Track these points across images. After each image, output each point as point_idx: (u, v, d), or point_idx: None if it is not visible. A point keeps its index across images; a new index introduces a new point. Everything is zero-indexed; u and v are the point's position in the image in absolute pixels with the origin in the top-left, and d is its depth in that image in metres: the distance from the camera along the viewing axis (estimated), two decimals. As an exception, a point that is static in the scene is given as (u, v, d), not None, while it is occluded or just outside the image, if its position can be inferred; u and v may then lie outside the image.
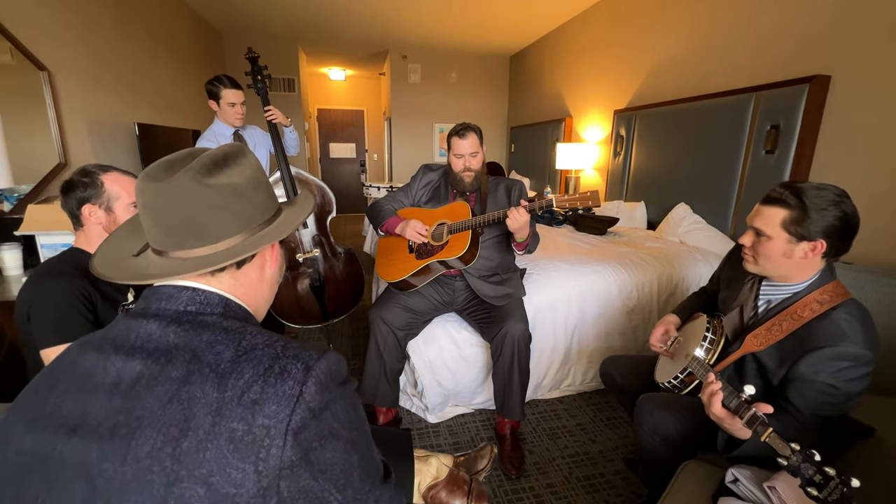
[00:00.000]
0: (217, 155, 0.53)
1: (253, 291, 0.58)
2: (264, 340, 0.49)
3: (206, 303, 0.52)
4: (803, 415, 0.92)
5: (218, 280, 0.54)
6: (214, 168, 0.51)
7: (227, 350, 0.47)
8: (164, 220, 0.51)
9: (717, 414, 0.88)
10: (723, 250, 2.26)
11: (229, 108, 2.07)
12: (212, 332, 0.49)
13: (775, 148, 2.08)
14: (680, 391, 1.15)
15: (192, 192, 0.50)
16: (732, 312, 1.12)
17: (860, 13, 1.78)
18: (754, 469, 0.89)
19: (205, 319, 0.50)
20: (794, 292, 1.01)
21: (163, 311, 0.50)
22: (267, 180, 0.59)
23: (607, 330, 2.04)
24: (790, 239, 0.96)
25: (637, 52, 3.21)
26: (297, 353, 0.48)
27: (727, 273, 1.24)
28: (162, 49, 3.39)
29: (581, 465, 1.60)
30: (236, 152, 0.55)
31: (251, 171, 0.55)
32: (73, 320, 0.98)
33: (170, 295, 0.51)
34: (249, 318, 0.56)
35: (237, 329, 0.50)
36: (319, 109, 7.26)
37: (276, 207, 0.60)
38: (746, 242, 1.05)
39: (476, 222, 1.59)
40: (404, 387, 1.89)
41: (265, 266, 0.60)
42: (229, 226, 0.53)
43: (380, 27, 4.62)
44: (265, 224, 0.56)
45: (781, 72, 2.11)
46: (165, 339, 0.48)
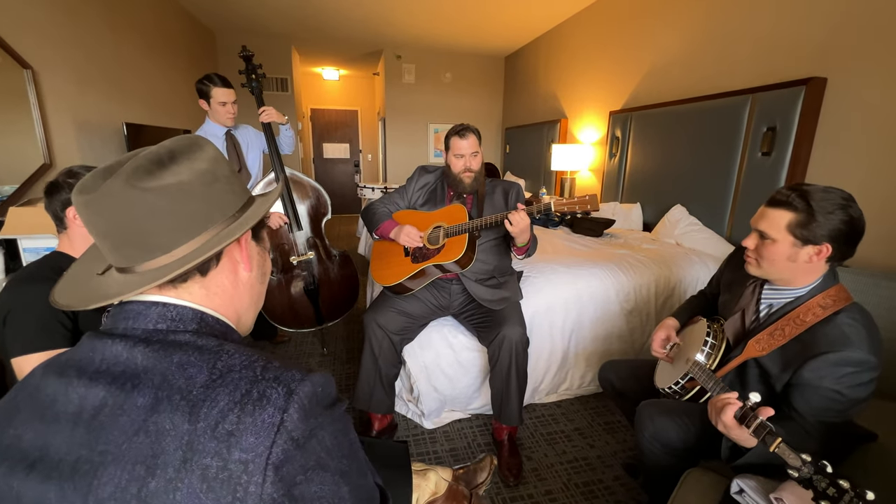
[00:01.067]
0: (159, 153, 0.46)
1: (230, 300, 0.53)
2: (242, 361, 0.44)
3: (177, 319, 0.47)
4: (808, 421, 0.91)
5: (187, 292, 0.49)
6: (155, 168, 0.45)
7: (199, 373, 0.43)
8: (106, 234, 0.46)
9: (727, 423, 0.85)
10: (719, 252, 2.26)
11: (220, 108, 2.03)
12: (184, 352, 0.44)
13: (772, 150, 2.07)
14: (681, 397, 1.13)
15: (127, 199, 0.44)
16: (734, 317, 1.11)
17: (855, 17, 1.78)
18: (760, 479, 0.87)
19: (176, 338, 0.46)
20: (797, 296, 0.99)
21: (130, 331, 0.46)
22: (229, 172, 0.52)
23: (605, 333, 2.02)
24: (795, 242, 0.94)
25: (632, 54, 3.21)
26: (279, 375, 0.43)
27: (728, 276, 1.23)
28: (152, 47, 3.32)
29: (580, 472, 1.58)
30: (186, 146, 0.48)
31: (206, 164, 0.48)
32: (51, 329, 0.94)
33: (138, 312, 0.46)
34: (229, 333, 0.51)
35: (212, 348, 0.45)
36: (313, 109, 7.20)
37: (241, 202, 0.53)
38: (750, 245, 1.03)
39: (473, 226, 1.56)
40: (400, 392, 1.86)
41: (237, 268, 0.53)
42: (181, 231, 0.46)
43: (374, 27, 4.59)
44: (230, 221, 0.50)
45: (777, 74, 2.10)
46: (132, 361, 0.43)
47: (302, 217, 2.21)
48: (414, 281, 1.68)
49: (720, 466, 1.08)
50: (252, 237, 0.56)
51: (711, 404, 0.90)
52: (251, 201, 0.55)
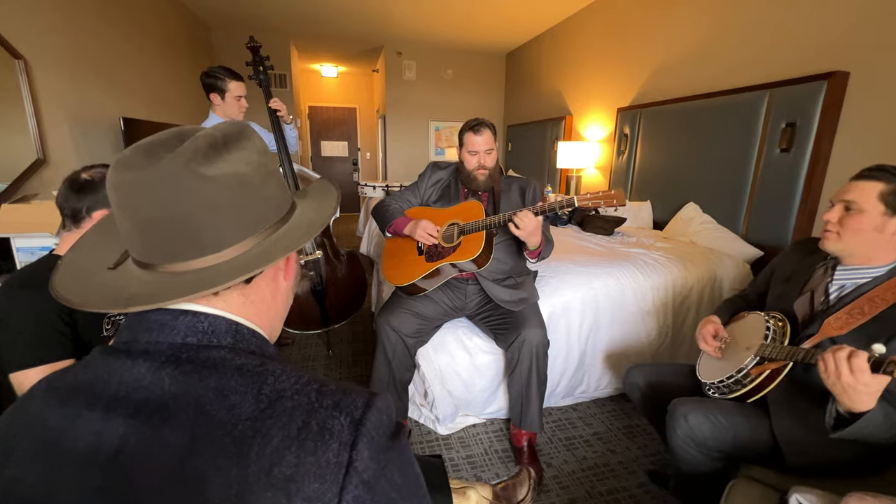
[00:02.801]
0: (215, 136, 0.40)
1: (266, 310, 0.46)
2: (292, 384, 0.37)
3: (210, 332, 0.39)
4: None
5: (223, 300, 0.41)
6: (213, 153, 0.39)
7: (244, 401, 0.35)
8: (148, 224, 0.39)
9: (859, 368, 0.77)
10: (736, 251, 2.21)
11: (235, 102, 1.96)
12: (221, 374, 0.36)
13: (791, 146, 2.02)
14: (743, 387, 1.06)
15: (185, 185, 0.37)
16: (803, 297, 1.08)
17: (878, 7, 1.74)
18: (820, 493, 0.82)
19: (211, 356, 0.38)
20: (875, 276, 0.98)
21: (154, 347, 0.38)
22: (277, 168, 0.47)
23: (622, 334, 1.97)
24: (886, 212, 0.96)
25: (640, 49, 3.15)
26: (338, 402, 0.36)
27: (785, 269, 1.20)
28: (148, 41, 3.22)
29: (603, 479, 1.52)
30: (238, 132, 0.42)
31: (258, 156, 0.42)
32: (50, 340, 0.86)
33: (163, 323, 0.39)
34: (265, 347, 0.44)
35: (255, 368, 0.38)
36: (311, 107, 7.10)
37: (290, 201, 0.48)
38: (833, 217, 1.03)
39: (490, 223, 1.50)
40: (412, 396, 1.79)
41: (278, 277, 0.48)
42: (235, 229, 0.40)
43: (374, 23, 4.50)
44: (279, 224, 0.44)
45: (796, 68, 2.05)
46: (159, 386, 0.36)
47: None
48: (428, 281, 1.62)
49: (763, 474, 1.02)
50: None
51: (828, 357, 0.82)
52: (294, 204, 0.49)
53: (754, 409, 1.08)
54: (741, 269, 2.14)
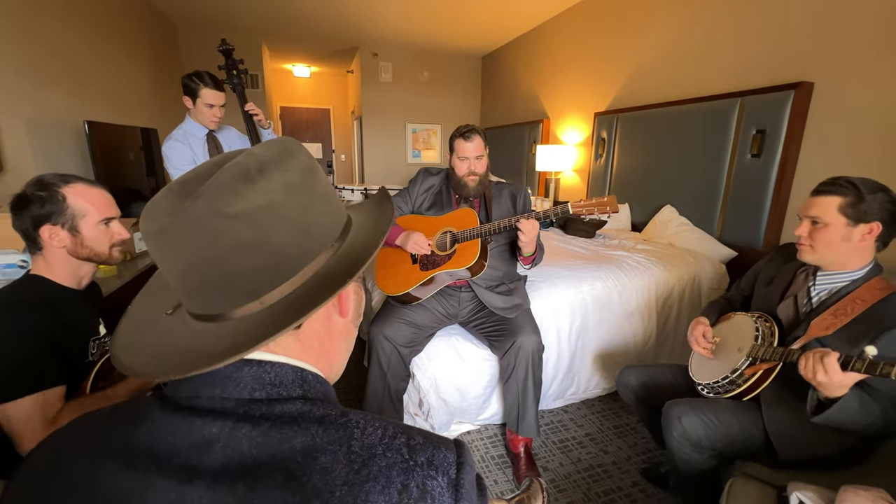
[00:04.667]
0: (247, 164, 0.35)
1: (326, 352, 0.42)
2: (379, 437, 0.34)
3: (279, 383, 0.36)
4: (882, 395, 0.93)
5: (280, 346, 0.38)
6: (242, 185, 0.34)
7: (335, 462, 0.32)
8: (183, 275, 0.36)
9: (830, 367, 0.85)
10: (712, 252, 2.30)
11: (206, 110, 1.86)
12: (305, 431, 0.33)
13: (761, 152, 2.13)
14: (737, 387, 1.10)
15: (210, 230, 0.33)
16: (786, 302, 1.13)
17: (841, 22, 1.85)
18: (816, 489, 0.86)
19: (287, 410, 0.34)
20: (853, 279, 1.04)
21: (221, 403, 0.34)
22: (325, 186, 0.41)
23: (609, 336, 2.01)
24: (848, 223, 1.01)
25: (616, 55, 3.24)
26: (431, 458, 0.34)
27: (768, 272, 1.25)
28: (110, 40, 3.04)
29: (598, 480, 1.55)
30: (278, 153, 0.37)
31: (301, 176, 0.37)
32: (37, 367, 0.80)
33: (226, 375, 0.35)
34: (329, 392, 0.41)
35: (337, 419, 0.35)
36: (283, 107, 6.92)
37: (341, 224, 0.42)
38: (803, 232, 1.09)
39: (485, 230, 1.50)
40: (406, 406, 1.77)
41: (331, 314, 0.42)
42: (272, 270, 0.36)
43: (349, 23, 4.43)
44: (330, 252, 0.39)
45: (765, 78, 2.16)
46: (237, 450, 0.32)
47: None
48: (423, 289, 1.60)
49: (759, 470, 1.07)
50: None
51: (808, 357, 0.90)
52: (350, 222, 0.44)
53: (744, 407, 1.13)
54: (718, 270, 2.24)
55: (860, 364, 0.83)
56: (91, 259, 0.95)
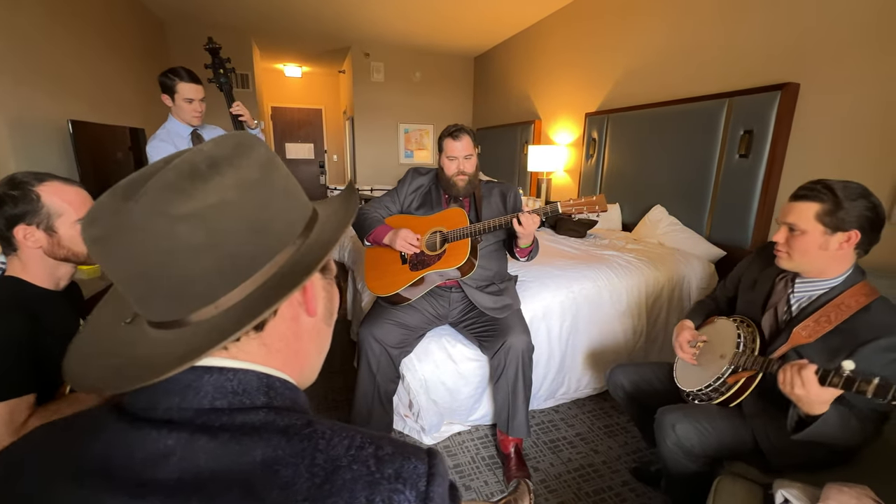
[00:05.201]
0: (194, 161, 0.33)
1: (294, 355, 0.39)
2: (345, 448, 0.33)
3: (242, 391, 0.34)
4: (861, 410, 0.92)
5: (243, 352, 0.36)
6: (190, 184, 0.32)
7: (297, 476, 0.30)
8: (129, 281, 0.34)
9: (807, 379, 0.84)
10: (701, 252, 2.32)
11: (185, 105, 1.83)
12: (266, 442, 0.31)
13: (749, 152, 2.15)
14: (721, 395, 1.10)
15: (153, 233, 0.31)
16: (767, 314, 1.12)
17: (826, 24, 1.88)
18: (801, 486, 0.86)
19: (249, 420, 0.33)
20: (832, 286, 1.02)
21: (179, 414, 0.32)
22: (285, 180, 0.39)
23: (600, 335, 2.02)
24: (825, 231, 0.98)
25: (607, 57, 3.26)
26: (399, 470, 0.32)
27: (750, 276, 1.24)
28: (94, 38, 2.99)
29: (588, 480, 1.55)
30: (232, 148, 0.35)
31: (256, 172, 0.35)
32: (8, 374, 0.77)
33: (186, 384, 0.33)
34: (298, 399, 0.39)
35: (301, 430, 0.33)
36: (274, 107, 6.87)
37: (305, 218, 0.40)
38: (780, 239, 1.06)
39: (475, 230, 1.49)
40: (396, 407, 1.76)
41: (298, 314, 0.40)
42: (228, 272, 0.34)
43: (341, 23, 4.41)
44: (292, 249, 0.37)
45: (752, 78, 2.19)
46: (194, 462, 0.30)
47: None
48: (412, 290, 1.59)
49: (746, 470, 1.07)
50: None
51: (786, 370, 0.89)
52: (316, 216, 0.42)
53: (737, 412, 1.13)
54: (707, 269, 2.26)
55: (838, 379, 0.82)
56: (69, 259, 0.92)
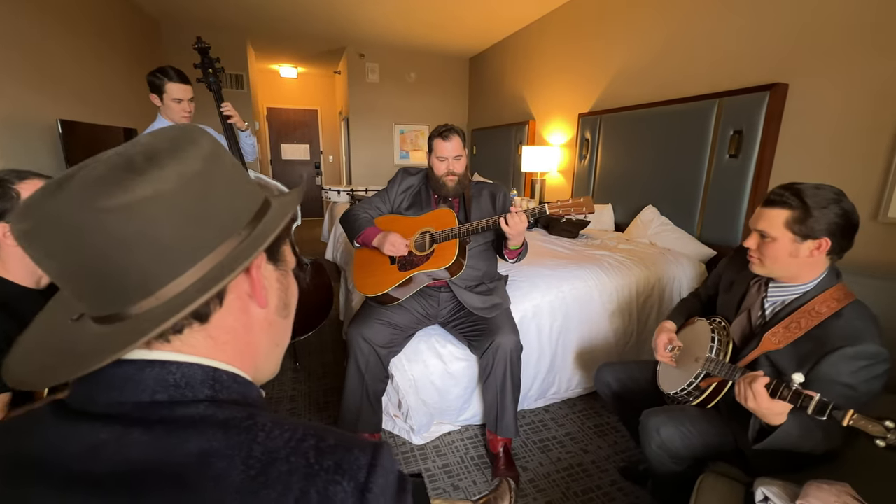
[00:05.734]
0: (129, 154, 0.33)
1: (244, 347, 0.39)
2: (285, 441, 0.32)
3: (184, 384, 0.33)
4: (822, 422, 0.91)
5: (187, 345, 0.35)
6: (123, 176, 0.31)
7: (231, 468, 0.30)
8: (60, 275, 0.33)
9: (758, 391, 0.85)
10: (692, 251, 2.33)
11: (174, 105, 1.82)
12: (202, 434, 0.31)
13: (739, 152, 2.16)
14: (694, 398, 1.11)
15: (79, 226, 0.30)
16: (740, 317, 1.12)
17: (813, 25, 1.89)
18: (782, 484, 0.87)
19: (188, 413, 0.32)
20: (804, 291, 1.02)
21: (118, 408, 0.32)
22: (231, 172, 0.38)
23: (590, 335, 2.02)
24: (795, 238, 0.97)
25: (600, 58, 3.27)
26: (339, 462, 0.32)
27: (728, 277, 1.24)
28: (88, 37, 2.98)
29: (577, 479, 1.55)
30: (172, 141, 0.35)
31: (199, 164, 0.35)
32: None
33: (125, 378, 0.32)
34: (249, 393, 0.38)
35: (241, 423, 0.32)
36: (269, 108, 6.86)
37: (254, 208, 0.39)
38: (752, 245, 1.05)
39: (463, 230, 1.49)
40: (386, 407, 1.76)
41: (247, 305, 0.39)
42: (166, 264, 0.33)
43: (335, 24, 4.41)
44: (237, 240, 0.37)
45: (741, 79, 2.20)
46: (124, 456, 0.30)
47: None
48: (401, 290, 1.59)
49: (729, 469, 1.08)
50: (267, 259, 0.41)
51: (739, 383, 0.90)
52: (267, 206, 0.41)
53: (719, 414, 1.12)
54: (697, 268, 2.26)
55: (787, 392, 0.82)
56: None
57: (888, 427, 0.71)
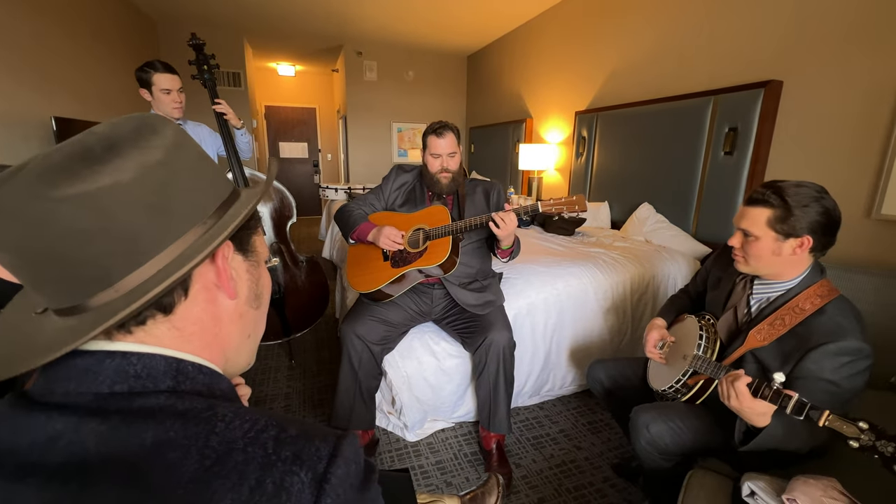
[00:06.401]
0: (87, 143, 0.33)
1: (213, 338, 0.39)
2: (244, 432, 0.32)
3: (145, 375, 0.33)
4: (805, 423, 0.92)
5: (151, 336, 0.35)
6: (80, 166, 0.31)
7: (186, 458, 0.29)
8: (14, 267, 0.33)
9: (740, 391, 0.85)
10: (687, 249, 2.33)
11: (164, 96, 1.81)
12: (159, 424, 0.31)
13: (734, 149, 2.16)
14: (682, 395, 1.12)
15: (32, 215, 0.30)
16: (726, 314, 1.12)
17: (809, 24, 1.88)
18: (768, 479, 0.87)
19: (147, 404, 0.32)
20: (788, 288, 1.02)
21: (76, 399, 0.32)
22: (196, 161, 0.38)
23: (584, 332, 2.02)
24: (777, 237, 0.97)
25: (596, 55, 3.27)
26: (298, 452, 0.32)
27: (715, 274, 1.24)
28: (84, 36, 2.98)
29: (570, 476, 1.56)
30: (133, 131, 0.34)
31: (160, 153, 0.34)
32: None
33: (84, 369, 0.32)
34: (216, 385, 0.38)
35: (201, 414, 0.32)
36: (267, 107, 6.85)
37: (219, 199, 0.39)
38: (735, 244, 1.05)
39: (456, 227, 1.49)
40: (379, 404, 1.76)
41: (215, 296, 0.39)
42: (124, 255, 0.33)
43: (333, 22, 4.40)
44: (201, 230, 0.36)
45: (737, 76, 2.20)
46: (80, 446, 0.29)
47: (264, 221, 2.05)
48: (394, 286, 1.59)
49: (719, 465, 1.08)
50: (236, 249, 0.41)
51: (722, 382, 0.90)
52: (235, 196, 0.41)
53: (709, 410, 1.12)
54: (692, 266, 2.26)
55: (768, 391, 0.82)
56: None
57: (862, 428, 0.71)
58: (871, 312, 1.41)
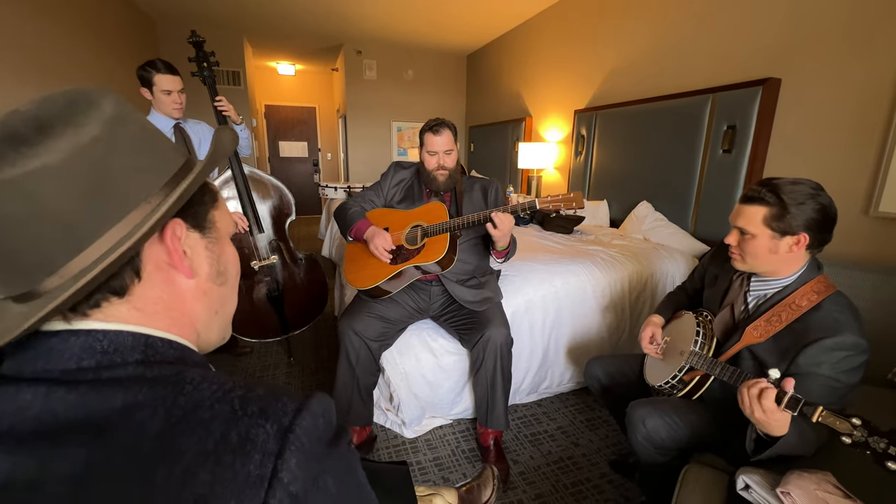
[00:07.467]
0: (12, 125, 0.31)
1: (179, 315, 0.39)
2: (213, 392, 0.33)
3: (112, 350, 0.33)
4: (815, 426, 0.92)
5: (112, 315, 0.35)
6: (7, 148, 0.30)
7: (153, 417, 0.30)
8: None
9: (768, 408, 0.79)
10: (686, 247, 2.33)
11: (164, 97, 1.82)
12: (128, 390, 0.31)
13: (732, 147, 2.16)
14: (678, 391, 1.12)
15: None
16: (723, 311, 1.12)
17: (807, 21, 1.89)
18: (764, 473, 0.87)
19: (116, 374, 0.33)
20: (785, 285, 1.02)
21: (42, 374, 0.32)
22: (139, 136, 0.36)
23: (583, 330, 2.02)
24: (773, 235, 0.97)
25: (595, 54, 3.27)
26: (265, 408, 0.32)
27: (713, 271, 1.24)
28: (85, 35, 2.98)
29: (567, 472, 1.56)
30: (65, 107, 0.33)
31: (97, 129, 0.33)
32: None
33: (50, 348, 0.33)
34: (188, 357, 0.38)
35: (169, 378, 0.33)
36: (267, 106, 6.86)
37: (166, 175, 0.37)
38: (732, 242, 1.05)
39: (454, 224, 1.49)
40: (377, 401, 1.76)
41: (172, 276, 0.38)
42: (62, 241, 0.32)
43: (332, 21, 4.41)
44: (146, 209, 0.35)
45: (735, 74, 2.20)
46: (49, 412, 0.30)
47: (263, 218, 2.05)
48: (392, 283, 1.59)
49: (714, 460, 1.08)
50: (191, 226, 0.40)
51: (743, 392, 0.84)
52: (187, 169, 0.39)
53: (705, 406, 1.13)
54: (690, 264, 2.26)
55: (783, 396, 0.79)
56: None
57: (855, 424, 0.71)
58: (869, 309, 1.42)
